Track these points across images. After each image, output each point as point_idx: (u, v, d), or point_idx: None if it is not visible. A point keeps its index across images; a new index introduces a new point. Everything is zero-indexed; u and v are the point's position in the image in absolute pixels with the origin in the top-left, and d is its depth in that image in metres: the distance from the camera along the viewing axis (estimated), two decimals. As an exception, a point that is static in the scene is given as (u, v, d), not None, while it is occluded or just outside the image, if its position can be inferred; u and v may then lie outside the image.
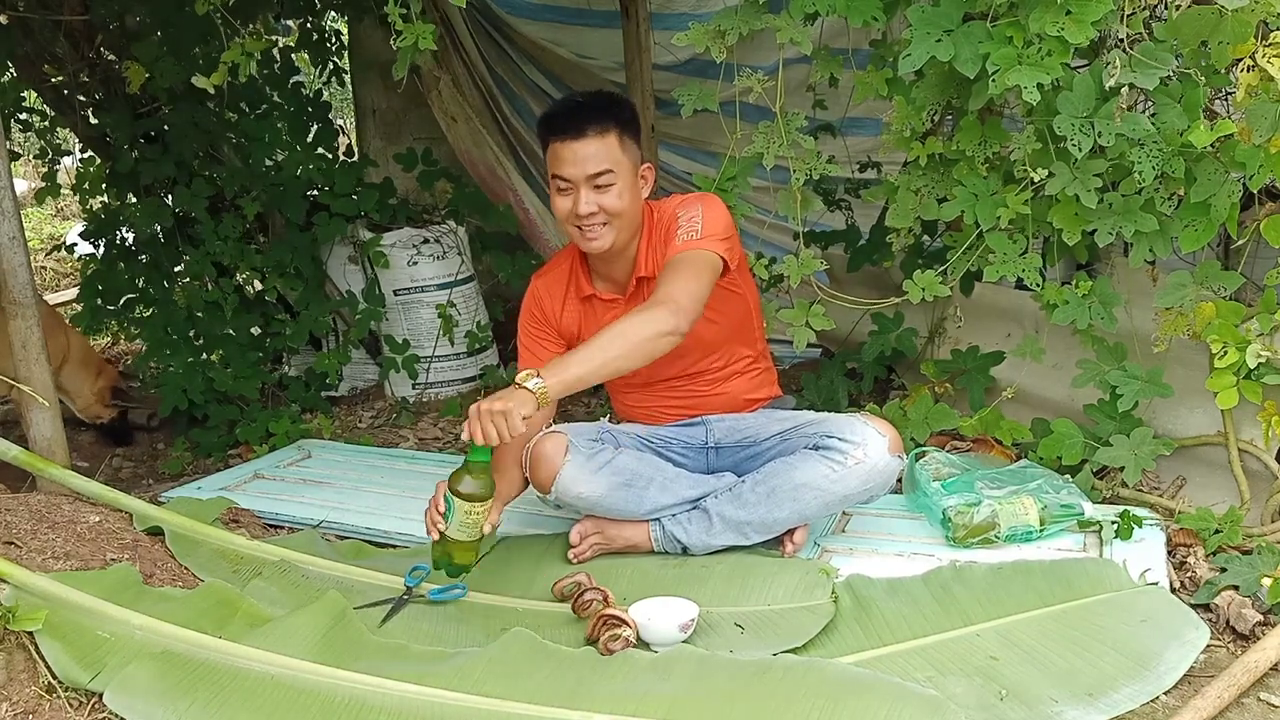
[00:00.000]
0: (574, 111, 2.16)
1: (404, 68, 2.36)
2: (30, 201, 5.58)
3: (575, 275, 2.32)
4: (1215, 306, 2.26)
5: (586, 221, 2.15)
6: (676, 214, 2.23)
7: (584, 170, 2.12)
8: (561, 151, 2.13)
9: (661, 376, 2.34)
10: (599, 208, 2.14)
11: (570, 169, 2.13)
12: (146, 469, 3.44)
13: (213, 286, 3.76)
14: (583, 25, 4.10)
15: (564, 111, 2.19)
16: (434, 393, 3.80)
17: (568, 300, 2.34)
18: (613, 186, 2.14)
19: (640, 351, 2.00)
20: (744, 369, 2.38)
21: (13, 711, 1.65)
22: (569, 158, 2.13)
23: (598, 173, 2.12)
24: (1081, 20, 2.05)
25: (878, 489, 2.20)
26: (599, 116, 2.13)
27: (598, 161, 2.12)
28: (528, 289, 2.39)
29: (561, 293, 2.34)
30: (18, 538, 2.09)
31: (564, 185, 2.15)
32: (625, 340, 1.99)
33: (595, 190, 2.13)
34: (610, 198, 2.14)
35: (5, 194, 2.40)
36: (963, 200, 2.46)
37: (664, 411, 2.41)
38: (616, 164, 2.14)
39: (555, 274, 2.36)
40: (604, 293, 2.31)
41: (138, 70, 3.43)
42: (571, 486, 2.18)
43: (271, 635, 1.85)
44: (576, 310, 2.33)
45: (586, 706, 1.65)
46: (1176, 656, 1.80)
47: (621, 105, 2.24)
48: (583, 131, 2.11)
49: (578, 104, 2.20)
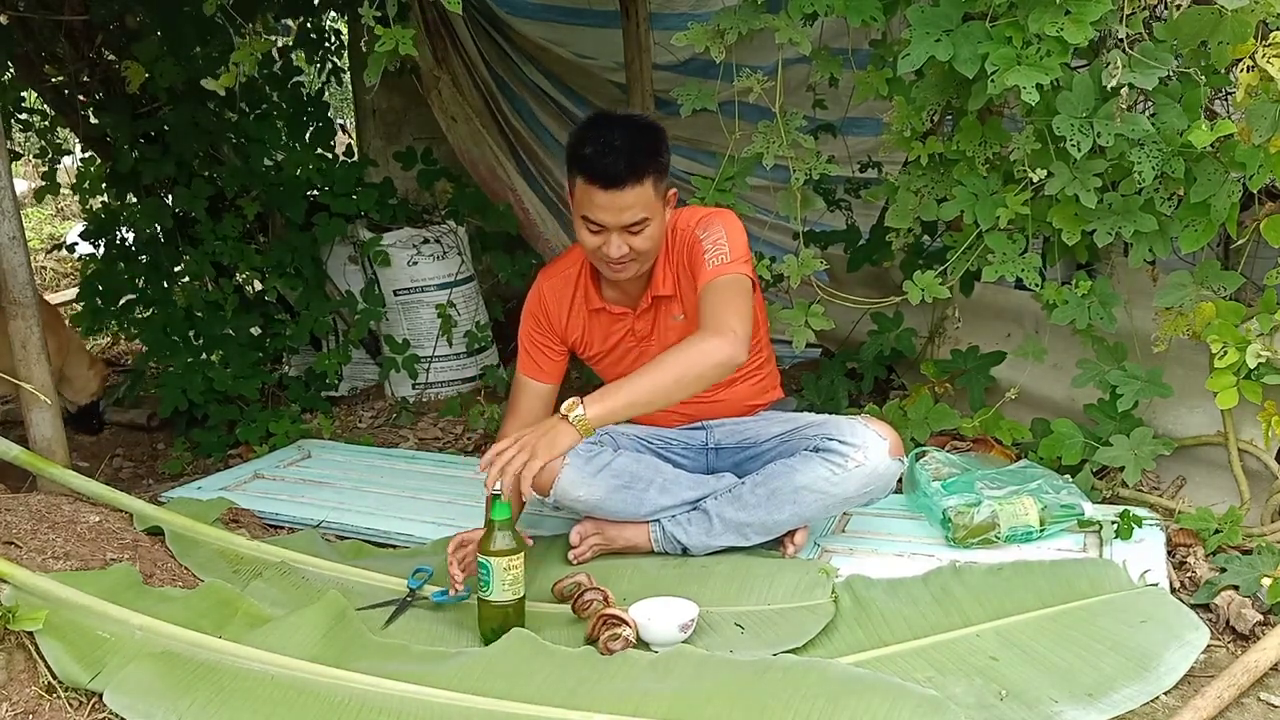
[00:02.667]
0: (611, 158, 2.02)
1: (376, 72, 2.31)
2: (30, 201, 5.58)
3: (584, 285, 2.29)
4: (1215, 306, 2.26)
5: (617, 262, 2.12)
6: (697, 234, 2.18)
7: (622, 220, 2.06)
8: (596, 197, 2.04)
9: None
10: (630, 249, 2.10)
11: (605, 217, 2.06)
12: (146, 469, 3.44)
13: (213, 286, 3.76)
14: (583, 25, 4.10)
15: (599, 155, 2.03)
16: (434, 393, 3.80)
17: (574, 309, 2.31)
18: (645, 229, 2.09)
19: (697, 382, 1.99)
20: (747, 375, 2.37)
21: (13, 711, 1.65)
22: (605, 205, 2.04)
23: (634, 221, 2.07)
24: (1080, 20, 2.05)
25: (878, 492, 2.20)
26: (637, 166, 2.03)
27: (635, 212, 2.05)
28: (533, 287, 2.36)
29: (568, 300, 2.31)
30: (18, 538, 2.09)
31: (595, 228, 2.08)
32: (681, 369, 1.97)
33: (628, 234, 2.08)
34: (641, 240, 2.10)
35: (5, 194, 2.40)
36: (962, 200, 2.46)
37: (666, 418, 2.39)
38: (650, 209, 2.07)
39: (562, 279, 2.32)
40: (614, 305, 2.28)
41: (138, 70, 3.43)
42: (571, 490, 2.18)
43: (272, 635, 1.85)
44: (583, 320, 2.31)
45: (586, 706, 1.65)
46: (1176, 657, 1.80)
47: (657, 143, 2.10)
48: (621, 183, 2.02)
49: (614, 148, 2.03)
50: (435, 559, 2.27)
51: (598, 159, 2.03)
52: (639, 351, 2.31)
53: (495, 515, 1.92)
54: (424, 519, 2.58)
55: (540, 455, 1.87)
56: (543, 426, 1.93)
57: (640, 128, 2.10)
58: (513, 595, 1.93)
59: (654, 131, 2.12)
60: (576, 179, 2.08)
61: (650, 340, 2.30)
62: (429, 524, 2.54)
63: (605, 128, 2.08)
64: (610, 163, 2.02)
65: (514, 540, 1.93)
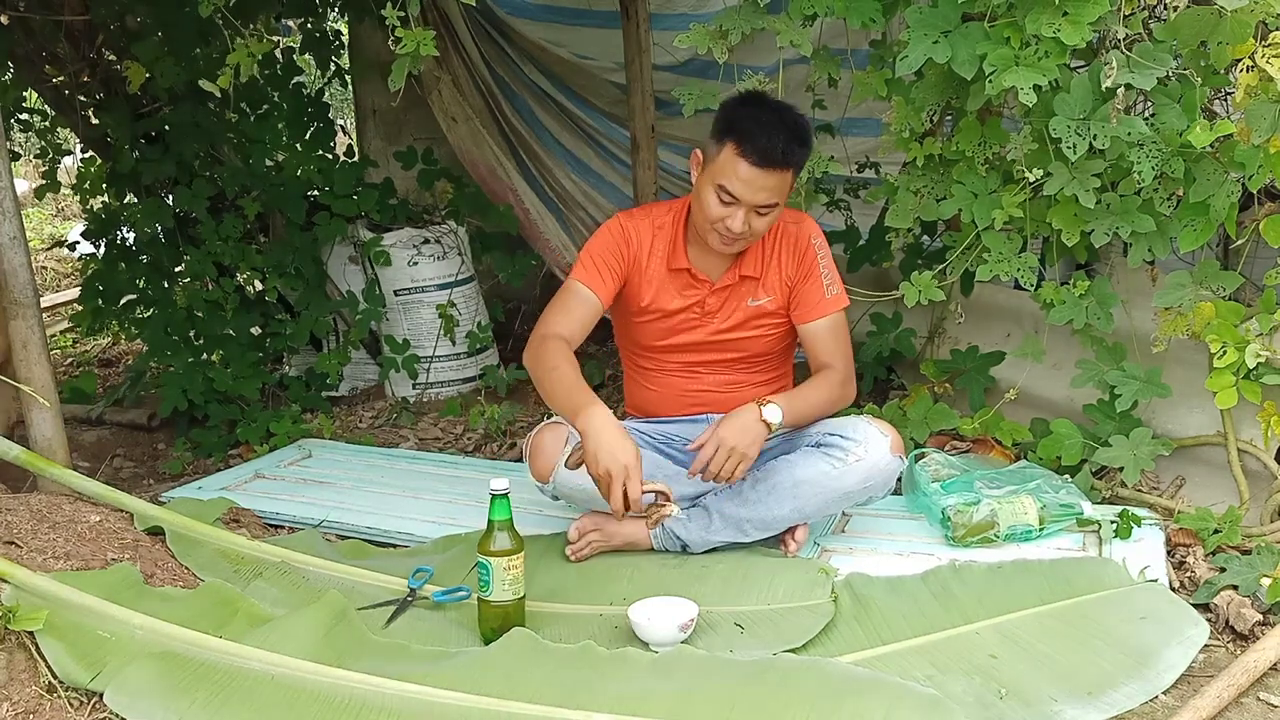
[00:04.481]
0: (773, 138, 2.06)
1: (402, 76, 2.32)
2: (31, 200, 5.58)
3: (673, 242, 2.28)
4: (1214, 306, 2.26)
5: (734, 236, 2.14)
6: (814, 245, 2.27)
7: (757, 199, 2.09)
8: (743, 171, 2.07)
9: (690, 342, 2.33)
10: (750, 229, 2.13)
11: (744, 192, 2.08)
12: (147, 469, 3.44)
13: (213, 286, 3.76)
14: (583, 25, 4.10)
15: (761, 131, 2.06)
16: (434, 393, 3.80)
17: (652, 258, 2.29)
18: (771, 214, 2.14)
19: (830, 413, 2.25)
20: (770, 382, 2.40)
21: (13, 711, 1.66)
22: (749, 180, 2.07)
23: (767, 204, 2.11)
24: (1078, 21, 2.06)
25: (877, 488, 2.20)
26: (792, 153, 2.08)
27: (771, 194, 2.10)
28: (611, 221, 2.32)
29: (648, 247, 2.29)
30: (18, 537, 2.09)
31: (728, 199, 2.10)
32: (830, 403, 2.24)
33: (755, 213, 2.11)
34: (763, 223, 2.14)
35: (5, 194, 2.40)
36: (961, 200, 2.46)
37: (678, 398, 2.39)
38: (782, 196, 2.14)
39: (648, 226, 2.29)
40: (699, 270, 2.28)
41: (138, 70, 3.43)
42: (569, 479, 2.17)
43: (272, 635, 1.85)
44: (658, 274, 2.29)
45: (586, 706, 1.65)
46: (1176, 654, 1.80)
47: (810, 137, 2.16)
48: (774, 165, 2.06)
49: (777, 129, 2.07)
50: (435, 559, 2.27)
51: (759, 134, 2.06)
52: (698, 325, 2.32)
53: (494, 515, 1.93)
54: (425, 519, 2.58)
55: (752, 455, 2.07)
56: (742, 429, 2.07)
57: (800, 117, 2.15)
58: (513, 595, 1.94)
59: (808, 125, 2.17)
60: (726, 147, 2.08)
61: (715, 317, 2.31)
62: (430, 524, 2.55)
63: (771, 108, 2.12)
64: (770, 143, 2.05)
65: (514, 540, 1.93)
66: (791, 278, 2.29)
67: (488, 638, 1.92)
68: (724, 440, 2.06)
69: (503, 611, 1.93)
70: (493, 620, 1.94)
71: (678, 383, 2.40)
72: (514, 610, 1.94)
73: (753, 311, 2.30)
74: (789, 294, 2.30)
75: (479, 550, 1.93)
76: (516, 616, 1.94)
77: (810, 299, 2.28)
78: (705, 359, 2.36)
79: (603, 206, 4.28)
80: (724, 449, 2.06)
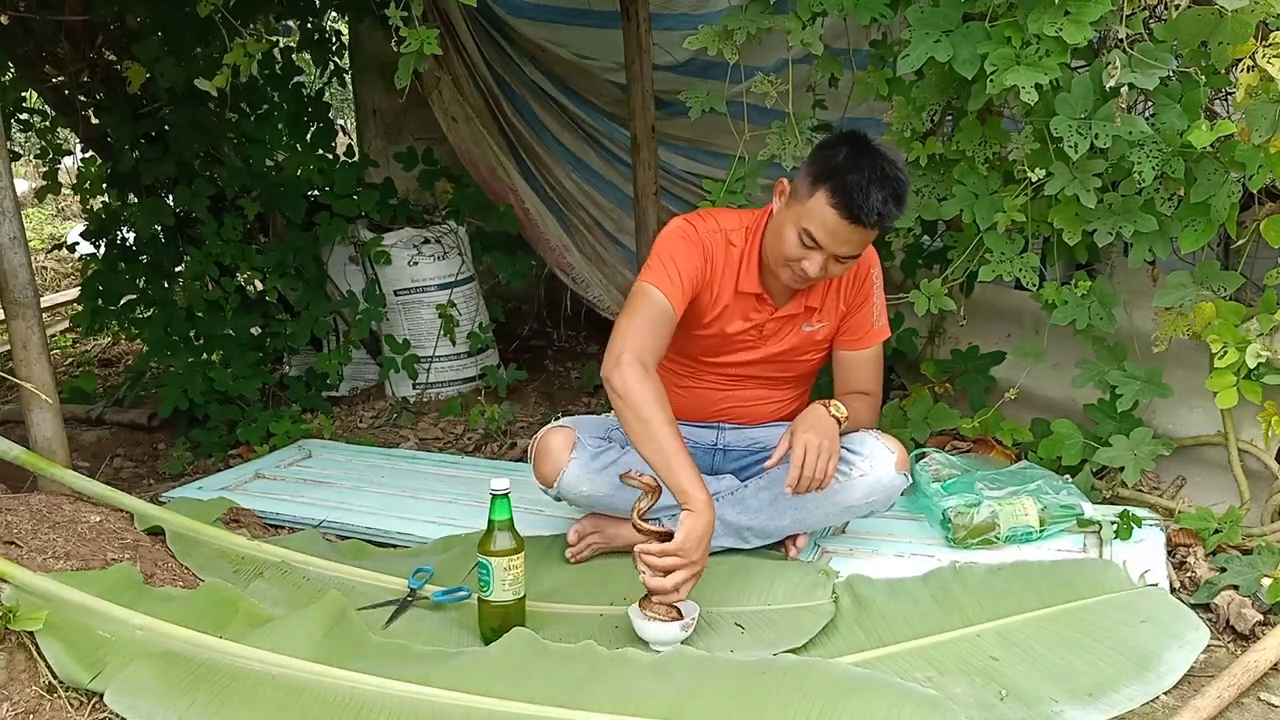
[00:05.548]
0: (872, 197, 1.96)
1: (407, 75, 2.32)
2: (31, 200, 5.58)
3: (746, 264, 2.19)
4: (1215, 306, 2.26)
5: (806, 278, 2.09)
6: (871, 273, 2.27)
7: (841, 251, 2.03)
8: (834, 224, 1.99)
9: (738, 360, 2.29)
10: (825, 274, 2.08)
11: (829, 241, 2.01)
12: (147, 469, 3.44)
13: (213, 286, 3.76)
14: (583, 25, 4.09)
15: (861, 188, 1.96)
16: (434, 393, 3.80)
17: (724, 280, 2.19)
18: (849, 263, 2.10)
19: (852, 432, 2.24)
20: (790, 400, 2.39)
21: (13, 711, 1.65)
22: (835, 232, 2.00)
23: (850, 255, 2.06)
24: (1080, 20, 2.06)
25: (880, 503, 2.21)
26: (889, 216, 2.01)
27: (855, 248, 2.04)
28: (682, 222, 2.19)
29: (720, 266, 2.18)
30: (18, 538, 2.09)
31: (810, 243, 2.03)
32: (861, 424, 2.26)
33: (834, 260, 2.05)
34: (840, 269, 2.10)
35: (5, 194, 2.40)
36: (962, 199, 2.46)
37: (704, 407, 2.36)
38: (865, 249, 2.10)
39: (721, 244, 2.18)
40: (766, 296, 2.21)
41: (138, 70, 3.43)
42: (575, 484, 2.18)
43: (272, 635, 1.85)
44: (728, 296, 2.21)
45: (586, 706, 1.65)
46: (1176, 657, 1.80)
47: (905, 198, 2.04)
48: (866, 224, 1.99)
49: (877, 188, 1.97)
50: (435, 559, 2.27)
51: (858, 191, 1.96)
52: (754, 346, 2.27)
53: (494, 515, 1.93)
54: (425, 519, 2.58)
55: (837, 448, 2.10)
56: (820, 425, 2.09)
57: (900, 175, 2.02)
58: (513, 595, 1.94)
59: (907, 183, 2.04)
60: (820, 192, 1.99)
61: (769, 341, 2.26)
62: (430, 524, 2.54)
63: (872, 159, 1.99)
64: (867, 201, 1.97)
65: (514, 540, 1.93)
66: (847, 307, 2.27)
67: (488, 638, 1.92)
68: (809, 442, 2.05)
69: (503, 611, 1.93)
70: (493, 620, 1.93)
71: (709, 394, 2.35)
72: (514, 610, 1.94)
73: (805, 336, 2.27)
74: (840, 321, 2.29)
75: (479, 550, 1.93)
76: (517, 616, 1.94)
77: (860, 328, 2.28)
78: (747, 375, 2.32)
79: (603, 206, 4.28)
80: (813, 449, 2.05)
